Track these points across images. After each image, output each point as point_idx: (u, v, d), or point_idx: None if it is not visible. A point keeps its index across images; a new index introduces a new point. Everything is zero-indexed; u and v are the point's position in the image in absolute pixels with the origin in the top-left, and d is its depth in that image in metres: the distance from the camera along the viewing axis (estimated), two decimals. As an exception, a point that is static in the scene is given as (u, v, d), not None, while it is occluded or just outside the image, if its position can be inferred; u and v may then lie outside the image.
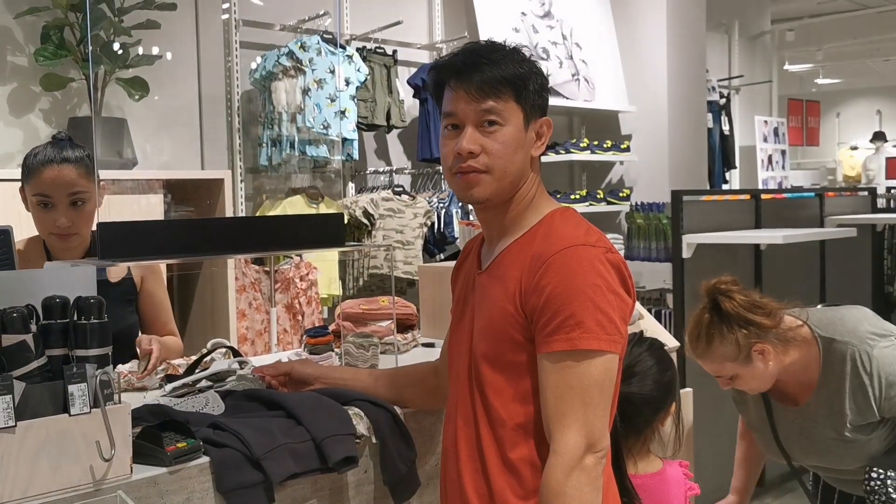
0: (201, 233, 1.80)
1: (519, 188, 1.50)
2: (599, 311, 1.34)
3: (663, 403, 1.92)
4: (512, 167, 1.47)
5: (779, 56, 9.34)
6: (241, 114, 4.25)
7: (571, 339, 1.34)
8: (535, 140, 1.50)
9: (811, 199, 4.83)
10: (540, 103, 1.51)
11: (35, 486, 1.29)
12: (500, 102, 1.45)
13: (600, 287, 1.35)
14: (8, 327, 1.32)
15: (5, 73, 3.59)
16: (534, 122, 1.50)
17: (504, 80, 1.45)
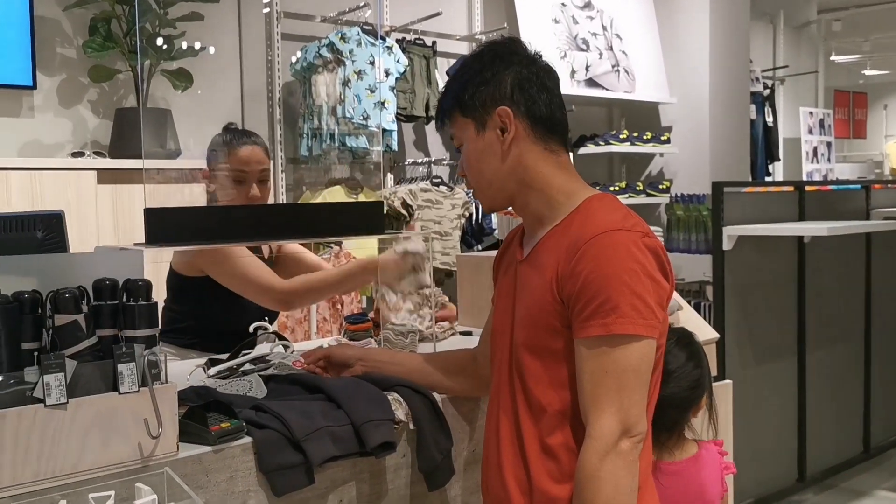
0: (243, 219, 1.84)
1: (521, 185, 1.49)
2: (635, 296, 1.33)
3: (697, 399, 1.92)
4: (482, 176, 1.51)
5: (825, 46, 9.16)
6: (282, 105, 4.30)
7: (607, 325, 1.33)
8: (499, 136, 1.47)
9: (857, 192, 4.74)
10: (482, 99, 1.47)
11: (85, 461, 1.33)
12: (452, 126, 1.54)
13: (636, 271, 1.34)
14: (60, 308, 1.36)
15: (55, 65, 3.68)
16: (490, 121, 1.47)
17: (446, 104, 1.53)
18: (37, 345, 1.37)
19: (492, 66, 1.49)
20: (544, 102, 1.48)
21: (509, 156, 1.48)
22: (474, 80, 1.49)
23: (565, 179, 1.50)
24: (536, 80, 1.48)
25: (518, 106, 1.47)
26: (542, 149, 1.48)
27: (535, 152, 1.48)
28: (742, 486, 3.63)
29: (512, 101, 1.47)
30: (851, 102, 10.44)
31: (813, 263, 4.22)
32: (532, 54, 1.52)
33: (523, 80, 1.47)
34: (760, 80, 7.01)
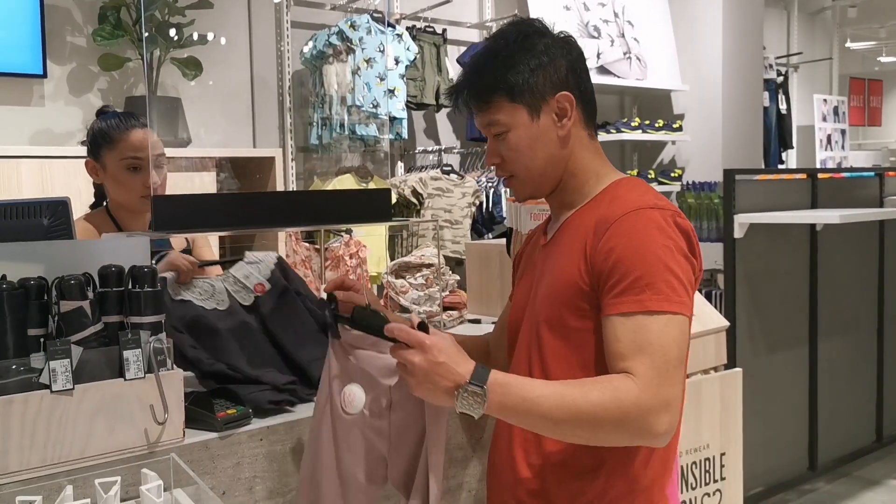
0: (251, 207, 1.84)
1: (564, 171, 1.46)
2: (670, 273, 1.29)
3: None
4: (534, 164, 1.44)
5: (840, 33, 9.06)
6: (292, 93, 4.30)
7: (642, 301, 1.27)
8: (556, 121, 1.42)
9: (871, 179, 4.70)
10: (542, 83, 1.40)
11: (92, 447, 1.34)
12: (495, 112, 1.42)
13: (670, 248, 1.30)
14: (66, 294, 1.36)
15: (65, 54, 3.69)
16: (546, 106, 1.41)
17: (489, 89, 1.42)
18: (43, 331, 1.37)
19: (549, 49, 1.42)
20: (591, 88, 1.46)
21: (566, 143, 1.43)
22: (527, 63, 1.40)
23: (601, 164, 1.48)
24: (583, 64, 1.46)
25: (575, 91, 1.43)
26: (587, 135, 1.46)
27: (583, 138, 1.46)
28: (753, 474, 3.62)
29: (569, 85, 1.42)
30: (867, 89, 10.34)
31: (825, 251, 4.19)
32: (567, 36, 1.48)
33: (575, 63, 1.43)
34: (774, 67, 6.95)
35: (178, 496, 1.35)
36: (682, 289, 1.29)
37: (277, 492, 1.56)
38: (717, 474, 2.72)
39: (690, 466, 2.64)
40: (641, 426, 1.23)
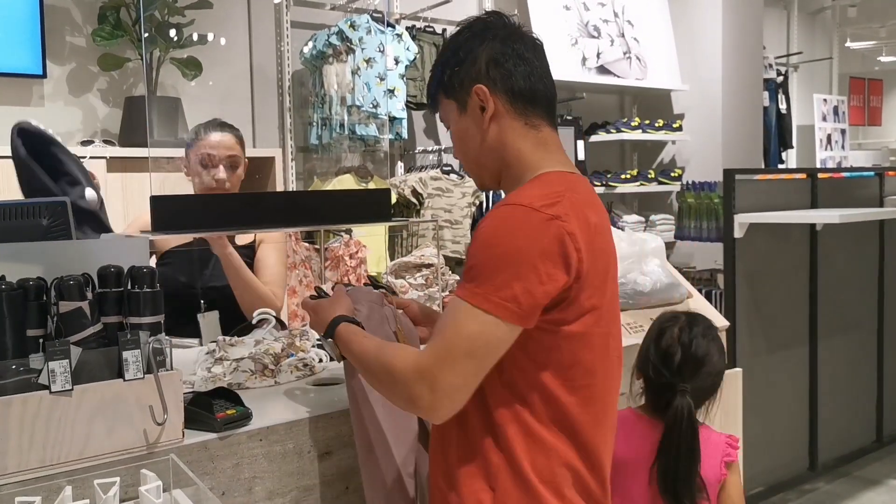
0: (251, 207, 1.84)
1: (501, 162, 1.46)
2: (508, 272, 1.27)
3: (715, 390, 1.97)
4: (469, 156, 1.49)
5: (840, 33, 9.05)
6: (291, 93, 4.30)
7: (465, 288, 1.30)
8: (480, 114, 1.44)
9: (871, 179, 4.70)
10: (460, 79, 1.45)
11: (91, 448, 1.34)
12: (440, 109, 1.52)
13: (519, 249, 1.28)
14: (65, 294, 1.37)
15: (64, 54, 3.69)
16: (469, 100, 1.44)
17: (431, 88, 1.52)
18: (42, 332, 1.37)
19: (466, 44, 1.46)
20: (522, 75, 1.43)
21: (489, 134, 1.44)
22: (451, 60, 1.46)
23: (541, 156, 1.44)
24: (513, 53, 1.43)
25: (494, 82, 1.43)
26: (522, 124, 1.44)
27: (515, 128, 1.44)
28: (753, 474, 3.62)
29: (488, 77, 1.43)
30: (867, 89, 10.33)
31: (825, 251, 4.18)
32: (511, 27, 1.47)
33: (498, 54, 1.43)
34: (774, 67, 6.94)
35: (178, 497, 1.35)
36: (509, 292, 1.27)
37: (277, 492, 1.56)
38: (717, 474, 2.71)
39: (690, 466, 2.64)
40: (403, 392, 1.31)
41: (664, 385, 1.89)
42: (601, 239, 1.39)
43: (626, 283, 2.57)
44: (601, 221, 1.42)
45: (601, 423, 1.42)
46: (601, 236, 1.40)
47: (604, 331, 1.40)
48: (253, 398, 1.68)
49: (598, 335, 1.39)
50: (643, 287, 2.59)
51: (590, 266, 1.33)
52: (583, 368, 1.37)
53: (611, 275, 1.43)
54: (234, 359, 1.85)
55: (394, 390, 1.34)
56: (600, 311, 1.37)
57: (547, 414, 1.35)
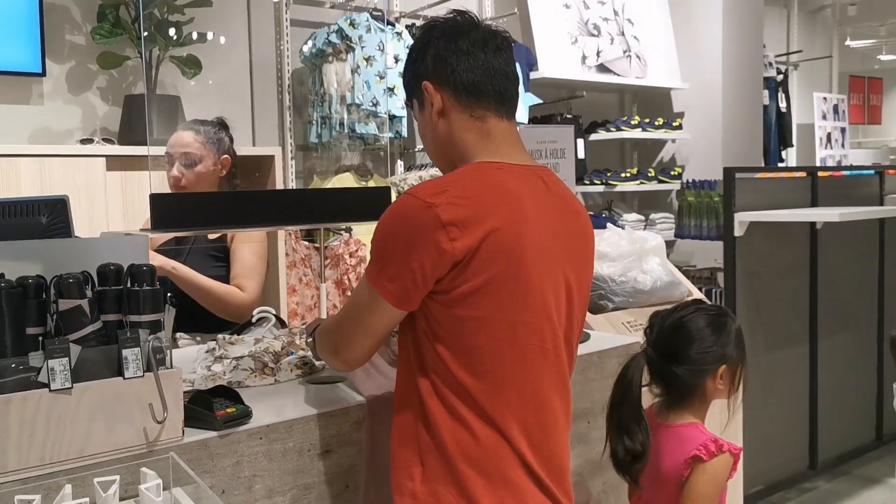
0: (249, 205, 1.84)
1: (454, 156, 1.50)
2: (383, 257, 1.39)
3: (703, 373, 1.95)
4: (429, 150, 1.56)
5: (840, 31, 9.04)
6: (291, 92, 4.29)
7: (366, 269, 1.42)
8: (430, 109, 1.49)
9: (871, 177, 4.69)
10: (414, 78, 1.51)
11: (91, 446, 1.33)
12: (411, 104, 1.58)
13: (395, 235, 1.38)
14: (64, 292, 1.36)
15: (63, 52, 3.68)
16: (423, 98, 1.50)
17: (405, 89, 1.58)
18: (41, 330, 1.37)
19: (417, 44, 1.52)
20: (466, 69, 1.46)
21: (439, 128, 1.50)
22: (407, 62, 1.54)
23: (481, 147, 1.48)
24: (456, 49, 1.47)
25: (439, 78, 1.48)
26: (467, 117, 1.48)
27: (462, 121, 1.48)
28: (753, 472, 3.61)
29: (434, 73, 1.48)
30: (867, 88, 10.33)
31: (825, 250, 4.18)
32: (461, 24, 1.50)
33: (442, 50, 1.47)
34: (774, 66, 6.94)
35: (178, 495, 1.35)
36: (386, 274, 1.38)
37: (277, 490, 1.56)
38: (718, 473, 2.71)
39: (691, 465, 2.63)
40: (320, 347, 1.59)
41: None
42: (518, 229, 1.39)
43: (627, 281, 2.57)
44: (534, 211, 1.42)
45: (517, 411, 1.41)
46: (520, 226, 1.39)
47: (512, 318, 1.39)
48: (253, 396, 1.67)
49: (500, 321, 1.39)
50: (643, 285, 2.59)
51: (483, 254, 1.35)
52: (483, 353, 1.39)
53: (537, 265, 1.41)
54: (233, 357, 1.85)
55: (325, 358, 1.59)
56: (501, 298, 1.37)
57: (460, 397, 1.39)
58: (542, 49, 4.83)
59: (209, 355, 1.89)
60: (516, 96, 1.52)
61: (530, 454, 1.42)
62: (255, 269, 2.48)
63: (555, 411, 1.47)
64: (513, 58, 1.52)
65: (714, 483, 1.88)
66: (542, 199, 1.45)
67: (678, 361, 1.93)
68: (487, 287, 1.36)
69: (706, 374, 1.95)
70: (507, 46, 1.51)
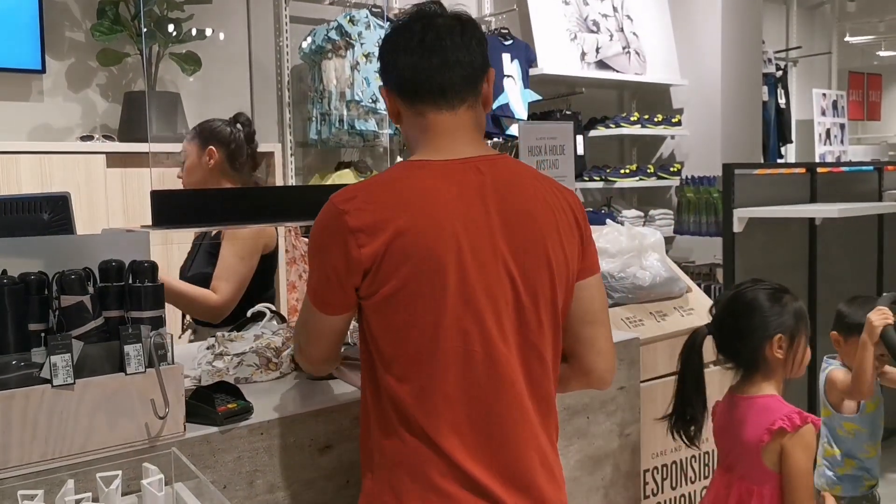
0: (249, 202, 1.84)
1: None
2: (310, 262, 1.42)
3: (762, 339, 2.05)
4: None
5: (839, 27, 9.04)
6: (291, 89, 4.30)
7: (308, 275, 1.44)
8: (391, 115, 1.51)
9: (870, 173, 4.70)
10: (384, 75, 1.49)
11: (93, 442, 1.34)
12: None
13: (313, 244, 1.41)
14: (66, 289, 1.37)
15: (63, 49, 3.68)
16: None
17: None
18: (43, 326, 1.38)
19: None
20: (404, 66, 1.43)
21: (402, 129, 1.51)
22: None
23: (421, 143, 1.45)
24: (395, 47, 1.45)
25: (386, 80, 1.47)
26: (413, 114, 1.46)
27: (409, 119, 1.47)
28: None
29: (383, 77, 1.48)
30: (866, 84, 10.33)
31: (824, 246, 4.18)
32: (412, 17, 1.46)
33: (384, 52, 1.47)
34: (773, 62, 6.94)
35: (180, 490, 1.36)
36: (311, 280, 1.43)
37: (278, 486, 1.56)
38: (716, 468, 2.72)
39: (689, 460, 2.65)
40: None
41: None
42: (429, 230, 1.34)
43: (626, 277, 2.58)
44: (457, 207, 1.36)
45: (448, 418, 1.35)
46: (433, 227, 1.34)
47: (433, 321, 1.34)
48: (254, 392, 1.68)
49: (421, 327, 1.34)
50: (642, 281, 2.60)
51: (390, 259, 1.33)
52: (408, 360, 1.36)
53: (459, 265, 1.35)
54: (234, 353, 1.86)
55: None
56: (417, 303, 1.34)
57: (393, 403, 1.37)
58: (541, 45, 4.83)
59: (209, 352, 1.89)
60: (465, 84, 1.43)
61: (470, 462, 1.35)
62: (230, 270, 2.44)
63: (505, 416, 1.38)
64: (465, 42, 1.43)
65: (808, 453, 1.98)
66: (472, 192, 1.38)
67: (736, 331, 2.06)
68: (402, 292, 1.34)
69: (763, 342, 2.05)
70: (455, 32, 1.43)
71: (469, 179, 1.39)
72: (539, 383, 1.42)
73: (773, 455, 1.99)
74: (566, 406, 2.02)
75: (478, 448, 1.36)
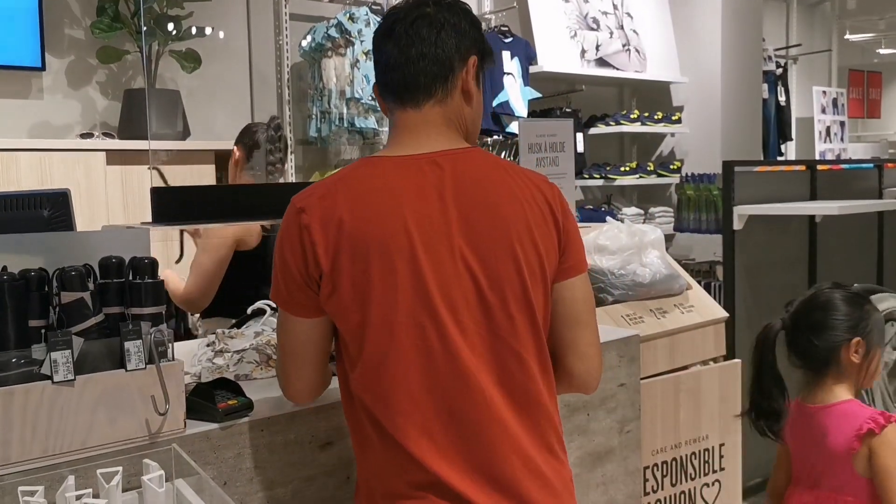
0: (250, 198, 1.84)
1: None
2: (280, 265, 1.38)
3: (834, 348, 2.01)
4: None
5: (839, 25, 9.04)
6: (290, 86, 4.29)
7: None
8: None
9: (870, 171, 4.70)
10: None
11: (93, 438, 1.34)
12: None
13: (280, 245, 1.38)
14: (66, 285, 1.37)
15: (63, 47, 3.68)
16: None
17: None
18: (44, 322, 1.38)
19: None
20: (382, 66, 1.42)
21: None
22: None
23: (390, 141, 1.45)
24: (379, 48, 1.43)
25: (377, 76, 1.45)
26: (387, 108, 1.45)
27: (393, 112, 1.44)
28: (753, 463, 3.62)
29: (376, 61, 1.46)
30: (866, 81, 10.33)
31: (824, 243, 4.18)
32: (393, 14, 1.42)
33: (374, 48, 1.45)
34: (773, 59, 6.94)
35: (180, 486, 1.36)
36: (290, 283, 1.37)
37: (278, 482, 1.56)
38: (717, 465, 2.73)
39: (689, 457, 2.65)
40: None
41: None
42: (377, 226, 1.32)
43: (626, 274, 2.58)
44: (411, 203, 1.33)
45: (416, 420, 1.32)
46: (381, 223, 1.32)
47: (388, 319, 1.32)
48: (254, 389, 1.68)
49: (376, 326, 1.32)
50: (642, 278, 2.60)
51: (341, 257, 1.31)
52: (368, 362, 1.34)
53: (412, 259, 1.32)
54: (234, 351, 1.86)
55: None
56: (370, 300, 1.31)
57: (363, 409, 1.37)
58: (541, 43, 4.83)
59: (209, 349, 1.89)
60: (429, 78, 1.39)
61: (445, 466, 1.31)
62: (194, 262, 2.62)
63: (472, 415, 1.32)
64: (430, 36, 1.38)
65: (893, 452, 1.92)
66: (428, 187, 1.34)
67: (812, 328, 2.02)
68: (355, 290, 1.32)
69: (840, 343, 2.00)
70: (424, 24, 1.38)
71: (425, 173, 1.35)
72: (519, 384, 1.36)
73: (864, 461, 1.93)
74: (566, 403, 2.02)
75: (451, 449, 1.31)
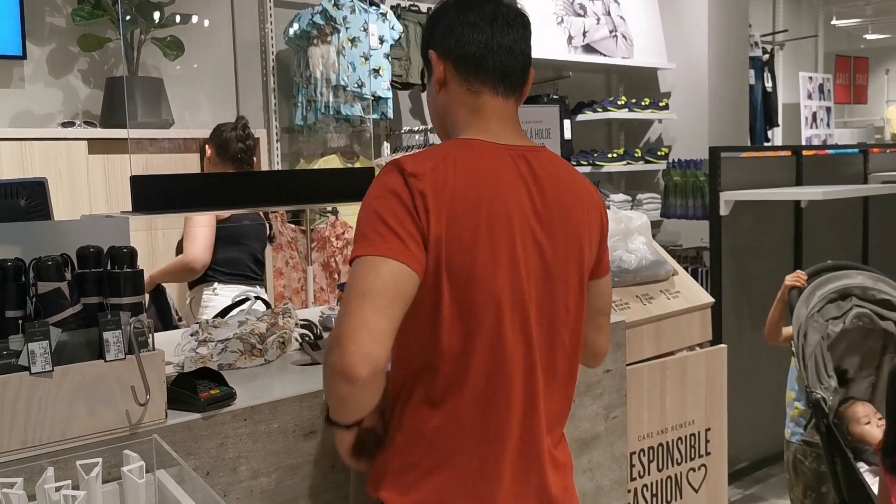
0: (235, 187, 1.82)
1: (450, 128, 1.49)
2: (378, 219, 1.31)
3: None
4: (433, 119, 1.55)
5: (825, 11, 9.04)
6: (276, 74, 4.26)
7: (354, 250, 1.34)
8: (433, 77, 1.49)
9: (855, 156, 4.71)
10: (424, 46, 1.51)
11: (73, 429, 1.33)
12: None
13: (384, 196, 1.33)
14: (43, 275, 1.35)
15: (44, 35, 3.63)
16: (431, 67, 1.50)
17: None
18: (21, 313, 1.36)
19: (431, 13, 1.52)
20: (473, 41, 1.44)
21: (439, 99, 1.49)
22: (424, 32, 1.54)
23: (469, 122, 1.45)
24: (464, 21, 1.45)
25: (443, 47, 1.46)
26: (464, 90, 1.46)
27: (459, 94, 1.46)
28: (738, 450, 3.65)
29: (440, 43, 1.47)
30: (853, 67, 10.34)
31: (810, 228, 4.20)
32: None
33: (450, 21, 1.46)
34: (759, 45, 6.94)
35: (161, 477, 1.35)
36: (390, 234, 1.30)
37: (262, 471, 1.56)
38: (703, 449, 2.74)
39: (676, 442, 2.66)
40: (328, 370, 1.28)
41: None
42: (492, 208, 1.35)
43: (612, 260, 2.58)
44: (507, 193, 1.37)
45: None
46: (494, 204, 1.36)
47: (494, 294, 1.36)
48: (237, 378, 1.67)
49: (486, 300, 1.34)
50: (628, 264, 2.60)
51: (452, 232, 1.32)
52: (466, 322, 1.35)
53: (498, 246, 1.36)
54: (218, 340, 1.85)
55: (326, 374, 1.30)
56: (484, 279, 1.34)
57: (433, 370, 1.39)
58: (527, 29, 4.81)
59: (193, 339, 1.88)
60: (522, 75, 1.48)
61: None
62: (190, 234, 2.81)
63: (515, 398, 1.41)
64: (525, 36, 1.49)
65: None
66: (520, 181, 1.40)
67: None
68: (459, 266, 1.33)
69: None
70: (520, 24, 1.48)
71: (518, 165, 1.42)
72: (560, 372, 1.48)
73: None
74: (552, 389, 2.02)
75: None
